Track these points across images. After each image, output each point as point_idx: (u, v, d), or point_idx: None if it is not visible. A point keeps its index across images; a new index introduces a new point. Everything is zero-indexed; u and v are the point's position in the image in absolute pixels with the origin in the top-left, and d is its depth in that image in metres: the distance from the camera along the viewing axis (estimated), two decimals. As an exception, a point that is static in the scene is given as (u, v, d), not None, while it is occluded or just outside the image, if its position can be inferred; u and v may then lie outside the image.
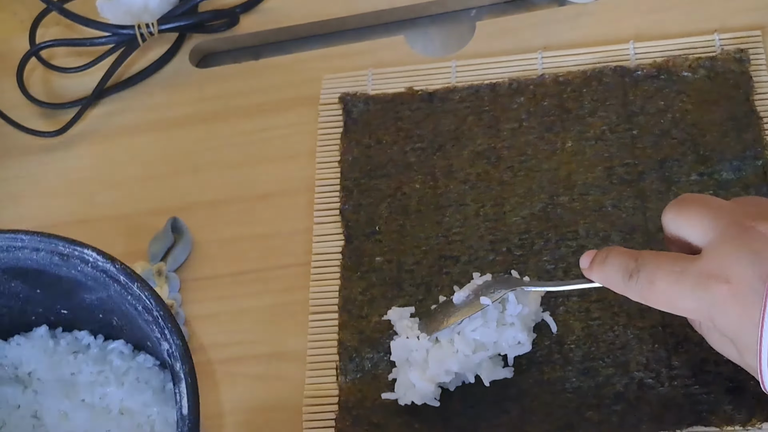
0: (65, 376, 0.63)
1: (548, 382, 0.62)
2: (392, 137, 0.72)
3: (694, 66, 0.69)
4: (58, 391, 0.62)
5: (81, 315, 0.63)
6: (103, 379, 0.63)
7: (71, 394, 0.63)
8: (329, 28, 0.81)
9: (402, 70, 0.75)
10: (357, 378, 0.64)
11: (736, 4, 0.72)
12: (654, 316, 0.61)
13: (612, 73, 0.70)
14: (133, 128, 0.79)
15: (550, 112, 0.70)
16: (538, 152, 0.69)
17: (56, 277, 0.58)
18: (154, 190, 0.75)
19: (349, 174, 0.71)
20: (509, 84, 0.72)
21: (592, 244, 0.65)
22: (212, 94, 0.79)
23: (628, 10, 0.74)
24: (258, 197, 0.73)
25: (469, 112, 0.72)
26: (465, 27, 0.78)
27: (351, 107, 0.74)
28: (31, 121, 0.81)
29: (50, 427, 0.63)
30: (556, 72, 0.72)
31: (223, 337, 0.69)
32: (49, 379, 0.63)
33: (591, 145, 0.68)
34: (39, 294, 0.61)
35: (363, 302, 0.67)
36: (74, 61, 0.83)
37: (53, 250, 0.57)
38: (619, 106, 0.69)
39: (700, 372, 0.60)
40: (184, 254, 0.72)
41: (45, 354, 0.63)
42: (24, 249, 0.57)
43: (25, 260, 0.57)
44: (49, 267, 0.57)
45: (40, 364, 0.63)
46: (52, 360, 0.63)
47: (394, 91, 0.74)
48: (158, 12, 0.81)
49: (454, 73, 0.74)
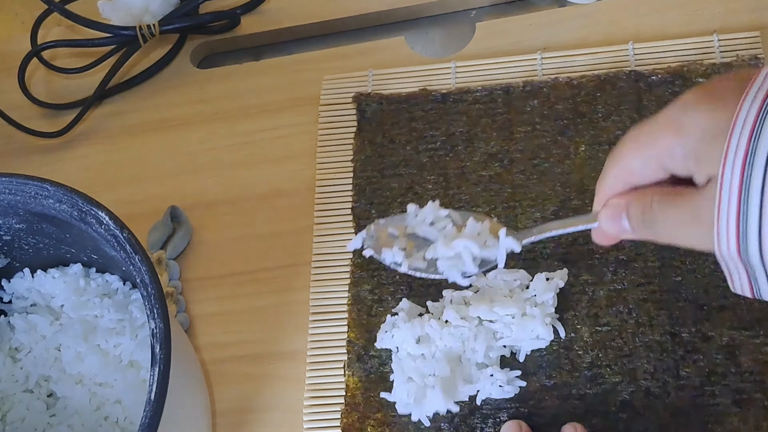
0: (89, 318, 0.66)
1: (555, 387, 0.62)
2: (405, 137, 0.72)
3: (708, 72, 0.69)
4: (79, 331, 0.65)
5: (108, 263, 0.66)
6: (120, 328, 0.65)
7: (90, 336, 0.65)
8: (329, 29, 0.81)
9: (402, 70, 0.75)
10: (364, 376, 0.64)
11: (735, 5, 0.72)
12: (663, 325, 0.61)
13: (626, 77, 0.70)
14: (134, 129, 0.79)
15: (564, 116, 0.70)
16: (550, 156, 0.69)
17: (78, 229, 0.60)
18: (156, 190, 0.76)
19: (361, 173, 0.71)
20: (523, 86, 0.72)
21: (602, 250, 0.64)
22: (213, 94, 0.79)
23: (628, 11, 0.74)
24: (258, 197, 0.74)
25: (482, 113, 0.71)
26: (465, 28, 0.79)
27: (365, 106, 0.74)
28: (33, 122, 0.81)
29: (66, 365, 0.66)
30: (568, 75, 0.71)
31: (223, 336, 0.69)
32: (75, 317, 0.66)
33: (604, 149, 0.68)
34: (69, 238, 0.64)
35: (372, 301, 0.67)
36: (76, 61, 0.83)
37: (73, 205, 0.59)
38: (633, 110, 0.69)
39: (708, 383, 0.60)
40: (184, 242, 0.72)
41: (76, 292, 0.67)
42: (49, 199, 0.60)
43: (50, 209, 0.60)
44: (69, 219, 0.59)
45: (69, 300, 0.67)
46: (81, 299, 0.66)
47: (408, 90, 0.74)
48: (159, 13, 0.81)
49: (454, 73, 0.74)
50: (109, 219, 0.58)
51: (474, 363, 0.62)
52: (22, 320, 0.67)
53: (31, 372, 0.66)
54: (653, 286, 0.63)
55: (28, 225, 0.63)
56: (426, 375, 0.61)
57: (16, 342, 0.67)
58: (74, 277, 0.67)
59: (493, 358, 0.62)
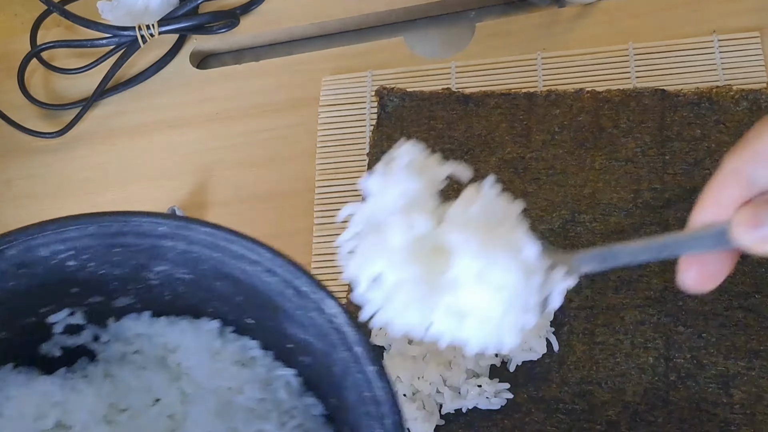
0: (221, 390, 0.52)
1: (542, 399, 0.61)
2: (423, 135, 0.71)
3: (736, 97, 0.67)
4: (211, 405, 0.51)
5: (267, 334, 0.52)
6: (263, 411, 0.51)
7: (225, 415, 0.51)
8: (329, 29, 0.81)
9: (402, 71, 0.75)
10: None
11: (734, 5, 0.72)
12: (659, 348, 0.61)
13: (651, 95, 0.68)
14: (133, 129, 0.79)
15: (584, 128, 0.69)
16: (566, 167, 0.68)
17: (272, 304, 0.49)
18: (156, 190, 0.76)
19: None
20: (547, 95, 0.71)
21: None
22: (212, 95, 0.79)
23: (627, 11, 0.74)
24: (258, 198, 0.74)
25: (502, 118, 0.71)
26: (464, 28, 0.79)
27: (386, 101, 0.73)
28: (32, 122, 0.81)
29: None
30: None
31: (223, 337, 0.69)
32: (205, 387, 0.52)
33: (621, 165, 0.67)
34: (239, 300, 0.51)
35: None
36: (75, 62, 0.83)
37: (289, 283, 0.47)
38: (655, 129, 0.67)
39: (697, 411, 0.59)
40: (184, 246, 0.72)
41: (207, 353, 0.52)
42: (257, 265, 0.48)
43: (254, 277, 0.48)
44: (274, 297, 0.48)
45: (200, 364, 0.52)
46: (213, 365, 0.52)
47: (431, 88, 0.73)
48: (159, 13, 0.81)
49: (453, 74, 0.74)
50: (338, 308, 0.45)
51: (464, 369, 0.61)
52: (131, 374, 0.52)
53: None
54: (653, 309, 0.62)
55: (197, 279, 0.50)
56: (414, 376, 0.61)
57: (119, 398, 0.52)
58: (209, 335, 0.52)
59: (484, 367, 0.62)
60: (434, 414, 0.61)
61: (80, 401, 0.51)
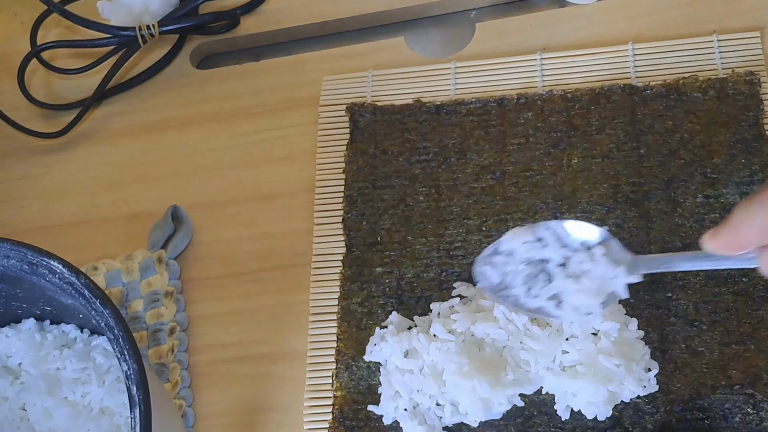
0: (50, 372, 0.64)
1: (543, 402, 0.61)
2: (398, 148, 0.72)
3: (703, 87, 0.68)
4: (42, 387, 0.63)
5: (64, 312, 0.64)
6: (86, 376, 0.63)
7: (55, 390, 0.63)
8: (329, 29, 0.81)
9: (402, 71, 0.75)
10: (352, 387, 0.64)
11: (735, 5, 0.72)
12: (653, 342, 0.61)
13: (621, 91, 0.70)
14: (134, 129, 0.79)
15: (557, 129, 0.70)
16: (543, 168, 0.69)
17: (30, 282, 0.58)
18: (155, 191, 0.76)
19: (353, 183, 0.71)
20: (517, 99, 0.71)
21: None
22: (213, 95, 0.79)
23: (628, 11, 0.74)
24: (258, 198, 0.74)
25: (476, 125, 0.71)
26: (465, 28, 0.79)
27: (358, 117, 0.73)
28: (32, 123, 0.81)
29: (34, 423, 0.63)
30: (564, 86, 0.71)
31: (223, 337, 0.69)
32: (35, 373, 0.64)
33: (597, 162, 0.68)
34: (19, 293, 0.62)
35: (362, 314, 0.66)
36: (75, 62, 0.83)
37: (23, 259, 0.56)
38: (627, 124, 0.69)
39: (697, 396, 0.60)
40: (184, 242, 0.72)
41: (32, 348, 0.64)
42: (9, 258, 0.57)
43: (11, 269, 0.57)
44: (20, 274, 0.57)
45: (27, 357, 0.64)
46: (39, 354, 0.64)
47: (402, 102, 0.74)
48: (159, 13, 0.81)
49: (453, 74, 0.74)
50: (63, 267, 0.55)
51: None
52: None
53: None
54: (643, 303, 0.63)
55: None
56: (413, 390, 0.61)
57: None
58: (29, 333, 0.64)
59: None
60: (436, 429, 0.61)
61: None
